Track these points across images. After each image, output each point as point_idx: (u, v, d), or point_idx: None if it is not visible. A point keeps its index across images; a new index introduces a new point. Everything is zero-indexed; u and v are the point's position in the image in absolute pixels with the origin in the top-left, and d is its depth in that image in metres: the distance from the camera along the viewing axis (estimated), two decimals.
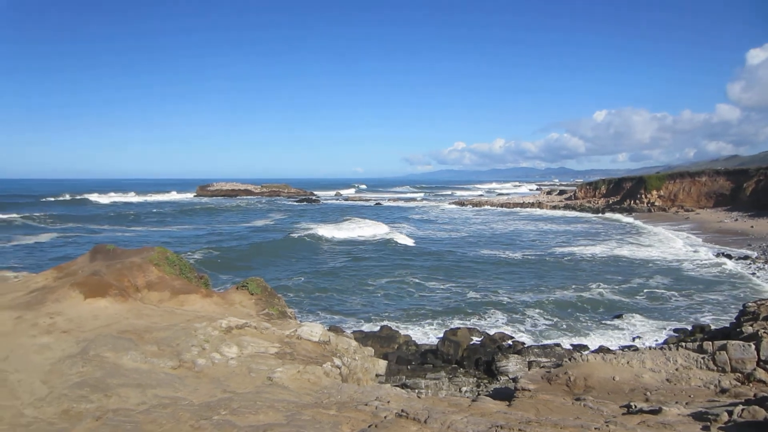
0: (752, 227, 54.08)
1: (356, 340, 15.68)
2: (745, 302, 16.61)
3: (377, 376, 13.28)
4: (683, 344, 10.75)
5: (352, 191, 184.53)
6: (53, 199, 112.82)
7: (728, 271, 34.10)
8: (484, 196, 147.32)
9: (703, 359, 9.91)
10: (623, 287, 30.33)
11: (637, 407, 7.81)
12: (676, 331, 22.37)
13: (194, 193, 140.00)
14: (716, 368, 9.71)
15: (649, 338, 21.88)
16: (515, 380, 11.09)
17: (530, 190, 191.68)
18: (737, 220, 60.84)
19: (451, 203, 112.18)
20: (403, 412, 7.27)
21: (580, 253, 42.68)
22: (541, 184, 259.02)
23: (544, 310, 26.08)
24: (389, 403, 8.83)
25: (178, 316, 12.35)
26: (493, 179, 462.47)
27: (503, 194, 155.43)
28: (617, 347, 20.25)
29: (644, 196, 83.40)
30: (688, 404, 8.23)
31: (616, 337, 22.49)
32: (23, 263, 34.98)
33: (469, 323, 24.01)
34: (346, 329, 21.81)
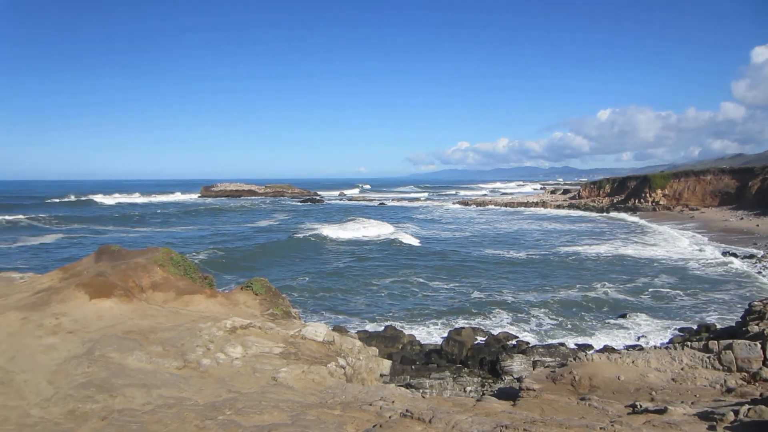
0: (758, 226, 53.83)
1: (360, 340, 15.67)
2: (750, 301, 16.53)
3: (381, 376, 13.27)
4: (689, 343, 10.71)
5: (355, 191, 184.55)
6: (58, 200, 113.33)
7: (734, 270, 33.95)
8: (488, 195, 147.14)
9: (708, 358, 9.87)
10: (628, 286, 30.24)
11: (642, 407, 7.79)
12: (681, 330, 22.28)
13: (198, 193, 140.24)
14: (722, 367, 9.67)
15: (654, 338, 21.80)
16: (520, 380, 11.08)
17: (534, 189, 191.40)
18: (742, 218, 60.58)
19: (455, 203, 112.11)
20: (407, 412, 7.27)
21: (584, 252, 42.59)
22: (545, 183, 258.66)
23: (548, 309, 26.03)
24: (394, 403, 8.83)
25: (182, 316, 12.38)
26: (496, 179, 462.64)
27: (507, 194, 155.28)
28: (622, 347, 20.20)
29: (649, 195, 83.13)
30: (693, 404, 8.20)
31: (621, 336, 22.43)
32: (29, 264, 35.16)
33: (473, 323, 23.99)
34: (350, 329, 21.83)
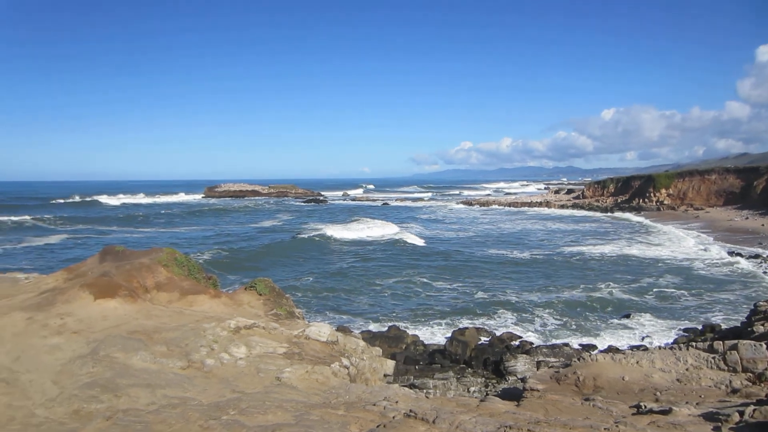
0: (763, 225, 53.58)
1: (364, 340, 15.69)
2: (756, 301, 16.47)
3: (385, 376, 13.28)
4: (693, 344, 10.66)
5: (359, 191, 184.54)
6: (63, 200, 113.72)
7: (739, 270, 33.81)
8: (491, 195, 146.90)
9: (713, 359, 9.83)
10: (633, 287, 30.14)
11: (647, 407, 7.76)
12: (686, 330, 22.20)
13: (202, 194, 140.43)
14: (727, 368, 9.62)
15: (658, 338, 21.72)
16: (524, 380, 11.05)
17: (538, 189, 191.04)
18: (748, 218, 60.32)
19: (458, 203, 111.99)
20: (411, 412, 7.27)
21: (588, 252, 42.47)
22: (548, 183, 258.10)
23: (552, 309, 25.96)
24: (397, 403, 8.83)
25: (186, 316, 12.41)
26: (500, 178, 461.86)
27: (511, 193, 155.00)
28: (626, 347, 20.13)
29: (653, 194, 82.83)
30: (698, 404, 8.16)
31: (625, 336, 22.36)
32: (33, 264, 35.30)
33: (477, 323, 23.95)
34: (354, 329, 21.83)
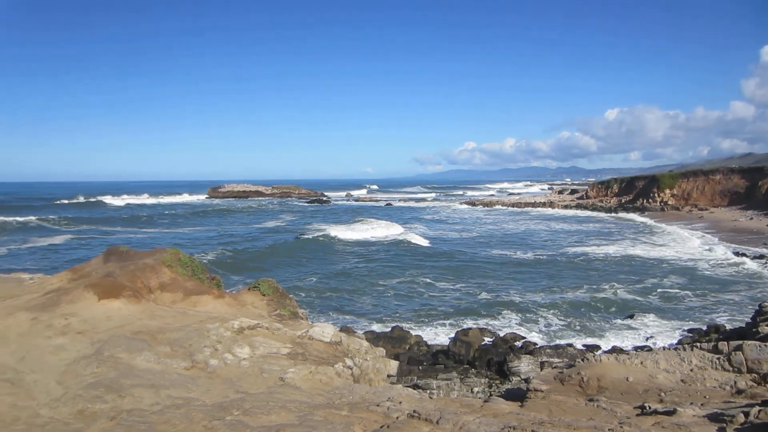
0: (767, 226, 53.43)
1: (368, 340, 15.67)
2: (761, 302, 16.37)
3: (389, 376, 13.26)
4: (698, 344, 10.63)
5: (363, 192, 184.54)
6: (67, 201, 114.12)
7: (744, 270, 33.69)
8: (495, 195, 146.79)
9: (718, 360, 9.79)
10: (637, 287, 30.06)
11: (651, 408, 7.74)
12: (690, 331, 22.11)
13: (206, 194, 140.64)
14: (732, 369, 9.58)
15: (663, 338, 21.65)
16: (527, 381, 11.02)
17: (541, 189, 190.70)
18: (752, 218, 60.08)
19: (462, 203, 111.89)
20: (415, 412, 7.27)
21: (592, 252, 42.38)
22: (552, 183, 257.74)
23: (556, 310, 25.91)
24: (401, 403, 8.82)
25: (190, 317, 12.43)
26: (504, 179, 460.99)
27: (514, 194, 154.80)
28: (631, 347, 20.08)
29: (657, 195, 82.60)
30: (703, 405, 8.13)
31: (629, 337, 22.30)
32: (38, 265, 35.42)
33: (480, 323, 23.92)
34: (357, 330, 21.84)
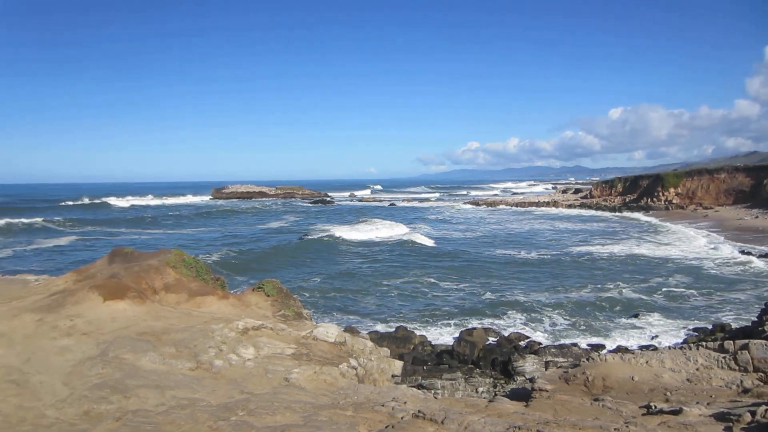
0: None
1: (372, 340, 15.66)
2: (767, 301, 16.31)
3: (393, 376, 13.25)
4: (704, 343, 10.58)
5: (366, 192, 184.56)
6: (72, 203, 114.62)
7: (750, 269, 33.53)
8: (498, 195, 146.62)
9: (724, 359, 9.74)
10: (642, 286, 29.96)
11: (657, 408, 7.71)
12: (696, 330, 22.03)
13: (210, 195, 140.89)
14: (738, 368, 9.53)
15: (668, 338, 21.58)
16: (532, 380, 11.00)
17: (545, 189, 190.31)
18: (758, 217, 59.76)
19: (465, 203, 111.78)
20: (419, 412, 7.26)
21: (597, 252, 42.26)
22: (556, 182, 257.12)
23: (561, 309, 25.85)
24: (406, 403, 8.81)
25: (195, 317, 12.46)
26: (507, 178, 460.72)
27: (518, 193, 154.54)
28: (636, 347, 20.02)
29: (661, 194, 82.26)
30: (709, 404, 8.09)
31: (634, 336, 22.23)
32: (43, 266, 35.53)
33: (485, 323, 23.89)
34: (361, 330, 21.82)
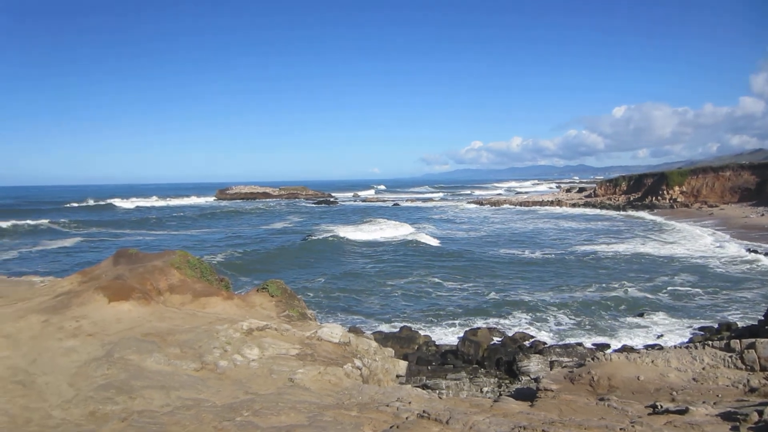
0: None
1: (376, 340, 15.66)
2: None
3: (398, 377, 13.24)
4: (710, 343, 10.54)
5: (370, 192, 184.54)
6: (77, 204, 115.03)
7: (758, 267, 33.36)
8: (502, 195, 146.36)
9: (730, 358, 9.70)
10: (647, 285, 29.85)
11: (663, 407, 7.68)
12: (701, 329, 21.94)
13: (214, 196, 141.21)
14: (745, 367, 9.49)
15: (674, 337, 21.49)
16: (537, 380, 10.97)
17: (549, 188, 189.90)
18: (763, 215, 59.47)
19: (469, 203, 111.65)
20: (424, 412, 7.25)
21: (602, 251, 42.13)
22: (560, 181, 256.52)
23: (566, 309, 25.77)
24: (410, 403, 8.80)
25: (199, 318, 12.48)
26: (511, 178, 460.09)
27: (522, 193, 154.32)
28: (641, 346, 19.94)
29: (666, 192, 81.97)
30: (716, 404, 8.05)
31: (640, 335, 22.14)
32: (48, 268, 35.73)
33: (489, 323, 23.85)
34: (366, 330, 21.82)
